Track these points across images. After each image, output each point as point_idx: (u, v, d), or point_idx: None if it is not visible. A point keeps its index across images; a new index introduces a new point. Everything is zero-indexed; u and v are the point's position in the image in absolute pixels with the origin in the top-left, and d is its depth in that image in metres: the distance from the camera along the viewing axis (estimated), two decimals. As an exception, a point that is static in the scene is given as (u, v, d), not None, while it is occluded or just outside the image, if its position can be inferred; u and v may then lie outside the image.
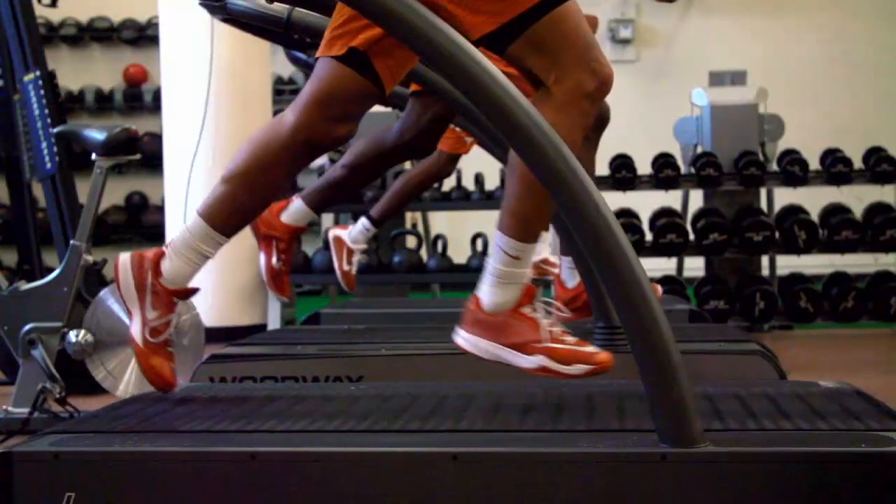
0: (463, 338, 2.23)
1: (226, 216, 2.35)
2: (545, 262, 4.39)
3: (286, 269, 3.50)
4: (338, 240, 4.20)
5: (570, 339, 2.17)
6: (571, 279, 3.54)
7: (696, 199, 6.67)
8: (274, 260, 3.53)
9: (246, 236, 2.65)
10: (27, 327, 3.62)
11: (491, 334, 2.19)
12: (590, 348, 2.16)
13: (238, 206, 2.34)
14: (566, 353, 2.14)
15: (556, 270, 4.38)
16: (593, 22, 4.63)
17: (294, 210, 3.43)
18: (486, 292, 2.19)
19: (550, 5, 2.12)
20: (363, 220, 4.20)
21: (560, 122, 1.97)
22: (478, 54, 1.85)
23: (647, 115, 9.25)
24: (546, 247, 4.40)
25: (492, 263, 2.20)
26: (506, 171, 2.24)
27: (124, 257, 2.43)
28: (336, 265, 4.13)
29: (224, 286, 6.07)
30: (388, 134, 3.57)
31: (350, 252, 4.16)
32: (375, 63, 2.23)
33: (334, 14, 2.27)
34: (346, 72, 2.23)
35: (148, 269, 2.40)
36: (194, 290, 2.46)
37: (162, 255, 2.41)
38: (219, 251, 2.42)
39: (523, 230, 2.17)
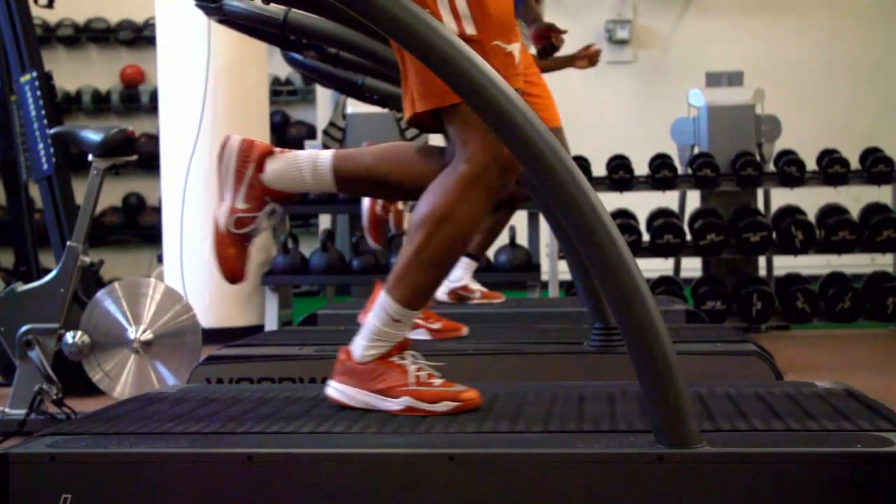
0: (333, 388, 2.26)
1: None
2: (465, 288, 4.47)
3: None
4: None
5: (437, 381, 2.21)
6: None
7: (693, 199, 6.67)
8: (378, 206, 3.79)
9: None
10: (24, 328, 3.62)
11: (358, 382, 2.22)
12: (458, 387, 2.19)
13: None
14: (431, 395, 2.17)
15: (475, 296, 4.49)
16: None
17: None
18: (360, 346, 2.23)
19: None
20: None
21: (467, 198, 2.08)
22: (471, 52, 1.85)
23: (643, 116, 9.26)
24: (466, 272, 4.46)
25: (372, 321, 2.22)
26: (409, 228, 2.23)
27: (235, 139, 2.39)
28: (366, 209, 4.14)
29: (221, 287, 6.06)
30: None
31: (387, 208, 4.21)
32: None
33: None
34: None
35: (253, 160, 2.36)
36: (290, 197, 2.41)
37: (271, 152, 2.38)
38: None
39: (412, 299, 2.19)
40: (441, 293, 4.41)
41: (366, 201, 4.04)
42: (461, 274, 4.46)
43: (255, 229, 2.38)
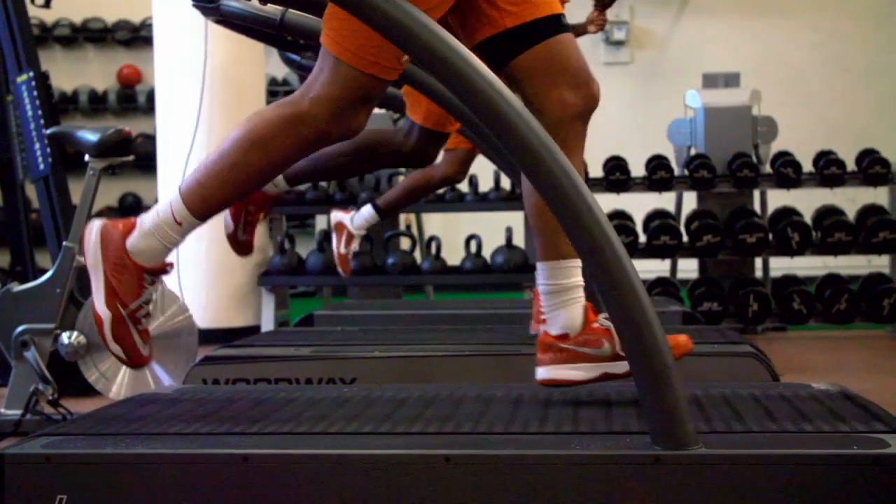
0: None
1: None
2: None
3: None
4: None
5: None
6: None
7: (690, 200, 6.68)
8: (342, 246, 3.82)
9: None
10: (20, 329, 3.61)
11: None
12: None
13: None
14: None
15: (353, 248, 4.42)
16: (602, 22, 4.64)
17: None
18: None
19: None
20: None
21: (290, 132, 2.06)
22: (468, 53, 1.85)
23: (640, 117, 9.27)
24: (366, 223, 4.34)
25: (153, 215, 2.23)
26: (224, 141, 2.21)
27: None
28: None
29: (217, 288, 6.07)
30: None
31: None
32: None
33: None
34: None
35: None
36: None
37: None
38: (215, 252, 2.39)
39: (202, 208, 2.20)
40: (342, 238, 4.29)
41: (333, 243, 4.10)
42: (361, 223, 4.28)
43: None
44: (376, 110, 5.63)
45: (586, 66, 2.26)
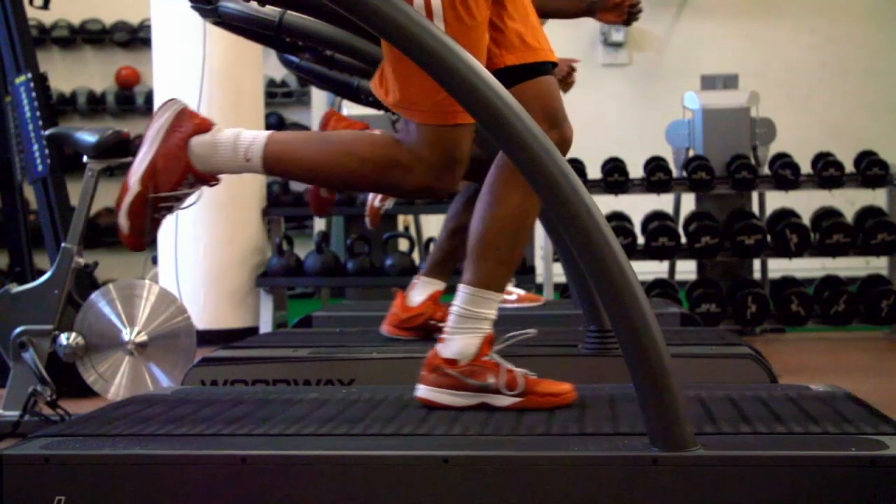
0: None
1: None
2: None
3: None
4: None
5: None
6: (418, 297, 3.45)
7: (688, 202, 6.68)
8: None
9: (240, 239, 2.61)
10: (18, 330, 3.61)
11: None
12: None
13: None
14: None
15: (511, 298, 4.44)
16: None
17: None
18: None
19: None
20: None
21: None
22: (466, 54, 1.86)
23: (638, 119, 9.27)
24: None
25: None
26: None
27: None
28: (370, 199, 4.10)
29: (216, 289, 6.06)
30: None
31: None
32: None
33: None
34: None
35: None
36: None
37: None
38: (213, 253, 2.40)
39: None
40: None
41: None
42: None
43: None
44: (376, 111, 5.63)
45: (563, 111, 2.38)
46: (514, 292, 4.55)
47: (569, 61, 4.61)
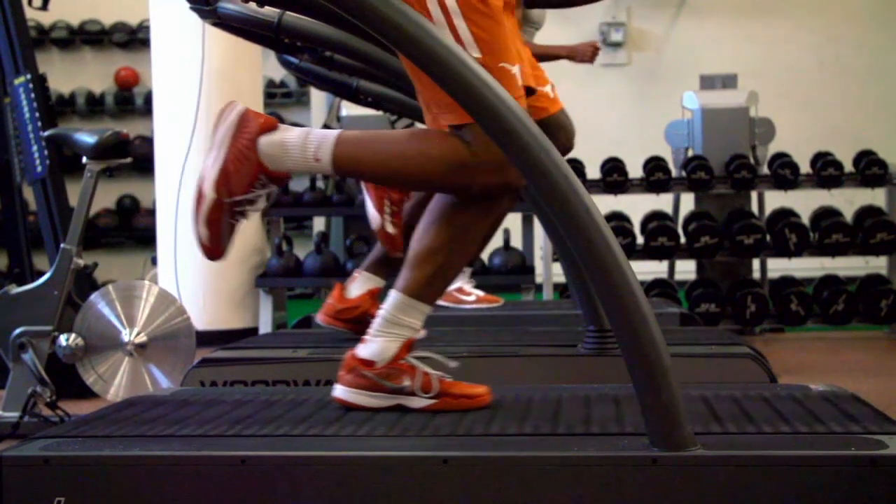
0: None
1: None
2: (460, 290, 4.43)
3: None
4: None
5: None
6: (357, 290, 3.41)
7: (688, 202, 6.68)
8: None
9: (239, 240, 2.59)
10: (17, 331, 3.61)
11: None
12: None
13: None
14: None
15: (470, 298, 4.42)
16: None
17: None
18: None
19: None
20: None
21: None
22: (464, 55, 1.86)
23: (638, 119, 9.26)
24: (461, 275, 4.39)
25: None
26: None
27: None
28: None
29: (215, 290, 6.06)
30: None
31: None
32: None
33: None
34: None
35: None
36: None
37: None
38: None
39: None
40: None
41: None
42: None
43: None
44: (375, 111, 5.63)
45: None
46: (472, 293, 4.55)
47: (589, 44, 4.72)
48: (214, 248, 2.25)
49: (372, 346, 2.26)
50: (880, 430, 1.92)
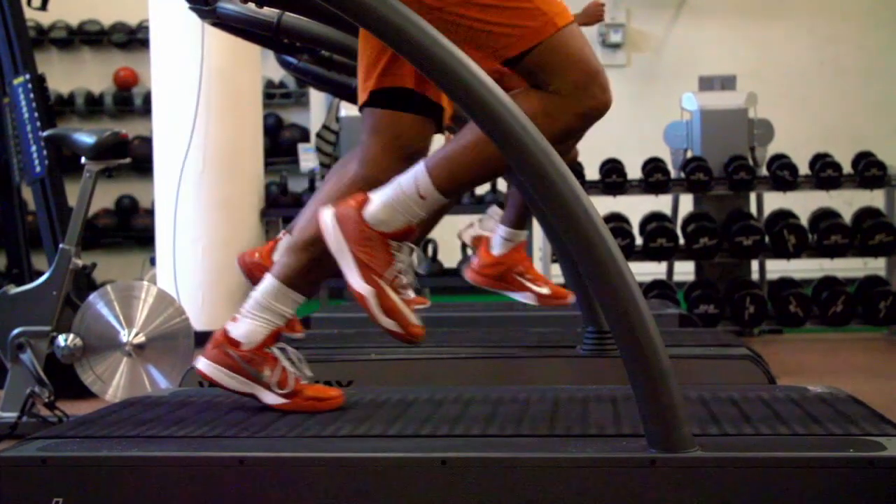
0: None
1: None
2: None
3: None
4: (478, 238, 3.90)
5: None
6: (499, 248, 3.38)
7: (686, 203, 6.68)
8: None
9: (238, 240, 2.60)
10: (16, 331, 3.61)
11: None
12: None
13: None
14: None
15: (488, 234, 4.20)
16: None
17: None
18: None
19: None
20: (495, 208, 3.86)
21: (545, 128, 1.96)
22: (459, 52, 1.86)
23: (637, 120, 9.26)
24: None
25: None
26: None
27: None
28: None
29: (214, 290, 6.06)
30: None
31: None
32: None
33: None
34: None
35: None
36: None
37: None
38: (211, 254, 2.38)
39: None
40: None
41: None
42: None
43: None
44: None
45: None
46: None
47: (593, 3, 4.63)
48: (410, 329, 2.23)
49: (241, 327, 2.29)
50: (879, 432, 1.92)
